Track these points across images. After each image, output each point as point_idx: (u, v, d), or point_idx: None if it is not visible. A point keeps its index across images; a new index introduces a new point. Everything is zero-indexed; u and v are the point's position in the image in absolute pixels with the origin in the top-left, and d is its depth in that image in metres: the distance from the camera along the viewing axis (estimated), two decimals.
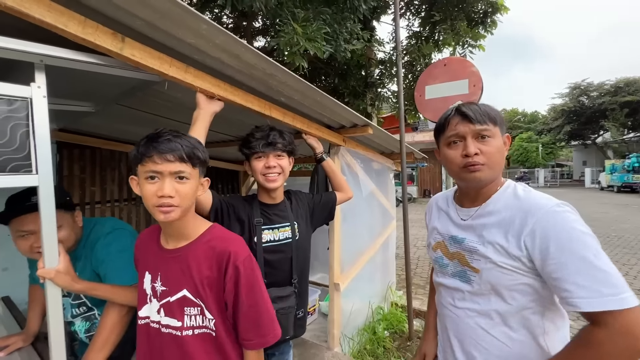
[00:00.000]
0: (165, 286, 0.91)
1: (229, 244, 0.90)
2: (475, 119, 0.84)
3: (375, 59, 4.46)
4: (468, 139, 0.85)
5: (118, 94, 1.41)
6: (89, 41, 0.85)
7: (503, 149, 0.86)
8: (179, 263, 0.90)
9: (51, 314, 0.93)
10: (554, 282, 0.70)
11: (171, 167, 0.82)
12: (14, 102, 0.86)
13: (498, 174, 0.87)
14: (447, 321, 0.95)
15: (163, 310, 0.91)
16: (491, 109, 0.87)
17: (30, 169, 0.88)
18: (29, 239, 1.07)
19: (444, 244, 0.96)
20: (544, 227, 0.73)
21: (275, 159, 1.29)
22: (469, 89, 2.65)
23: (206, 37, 1.01)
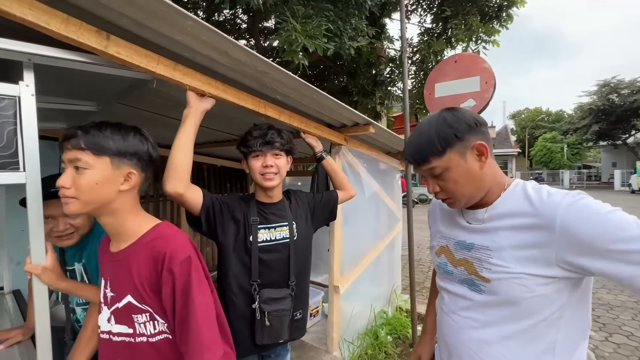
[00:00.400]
0: (113, 292, 0.86)
1: (168, 244, 0.81)
2: (416, 163, 0.80)
3: (385, 57, 4.37)
4: (428, 179, 0.81)
5: (116, 93, 1.43)
6: (72, 39, 0.85)
7: (470, 171, 0.75)
8: (122, 266, 0.84)
9: (37, 309, 0.94)
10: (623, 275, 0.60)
11: (68, 155, 0.79)
12: (2, 100, 0.87)
13: (478, 192, 0.78)
14: (447, 329, 0.87)
15: (114, 317, 0.86)
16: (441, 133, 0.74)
17: (17, 167, 0.89)
18: (49, 223, 1.12)
19: (448, 249, 0.88)
20: (572, 225, 0.64)
21: (273, 158, 1.28)
22: (480, 86, 2.54)
23: (192, 34, 1.00)
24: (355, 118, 1.81)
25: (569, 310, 0.71)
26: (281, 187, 1.39)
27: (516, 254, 0.71)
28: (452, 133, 0.74)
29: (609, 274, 0.62)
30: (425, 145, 0.76)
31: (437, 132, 0.75)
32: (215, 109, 1.75)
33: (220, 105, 1.42)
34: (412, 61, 4.49)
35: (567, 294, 0.70)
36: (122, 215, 0.85)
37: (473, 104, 2.57)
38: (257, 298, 1.25)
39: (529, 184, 0.78)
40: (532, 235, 0.69)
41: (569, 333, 0.72)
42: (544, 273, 0.68)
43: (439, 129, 0.75)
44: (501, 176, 0.81)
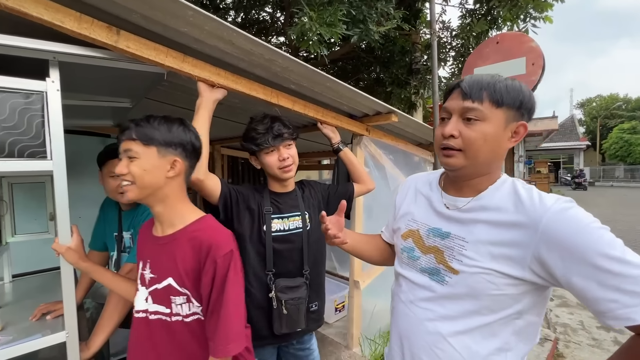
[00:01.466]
0: (154, 273, 0.94)
1: (213, 236, 0.89)
2: (468, 94, 0.69)
3: (421, 44, 4.11)
4: (453, 118, 0.72)
5: (143, 88, 1.53)
6: (85, 35, 0.92)
7: (497, 138, 0.69)
8: (167, 251, 0.92)
9: (64, 284, 1.05)
10: (590, 293, 0.59)
11: (123, 146, 0.88)
12: (31, 95, 0.97)
13: (483, 166, 0.73)
14: (402, 319, 0.83)
15: (151, 297, 0.93)
16: (509, 87, 0.69)
17: (45, 155, 0.99)
18: (116, 179, 1.31)
19: (418, 234, 0.83)
20: (555, 231, 0.62)
21: (286, 150, 1.28)
22: (526, 68, 2.28)
23: (195, 24, 1.02)
24: (376, 106, 1.73)
25: (527, 315, 0.70)
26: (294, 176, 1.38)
27: (491, 250, 0.68)
28: (522, 99, 0.69)
29: (576, 288, 0.60)
30: (493, 85, 0.69)
31: (511, 86, 0.69)
32: (238, 102, 1.81)
33: (241, 98, 1.46)
34: (452, 46, 4.17)
35: (530, 298, 0.69)
36: (171, 202, 0.93)
37: None
38: (273, 287, 1.25)
39: (518, 182, 0.74)
40: (512, 233, 0.67)
41: (523, 336, 0.71)
42: (515, 274, 0.66)
43: (514, 86, 0.70)
44: (500, 169, 0.77)
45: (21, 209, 1.77)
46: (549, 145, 25.27)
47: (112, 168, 1.31)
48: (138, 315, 0.96)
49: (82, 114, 2.03)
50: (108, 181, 1.35)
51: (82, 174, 2.43)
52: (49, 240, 1.75)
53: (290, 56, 1.22)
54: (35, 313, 1.23)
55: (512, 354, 0.71)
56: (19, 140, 0.94)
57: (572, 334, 3.03)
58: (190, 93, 1.65)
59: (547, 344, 2.40)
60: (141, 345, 0.95)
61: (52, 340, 1.04)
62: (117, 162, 1.28)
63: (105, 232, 1.54)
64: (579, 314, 3.41)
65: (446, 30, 4.17)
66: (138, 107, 1.83)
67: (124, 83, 1.49)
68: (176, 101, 1.88)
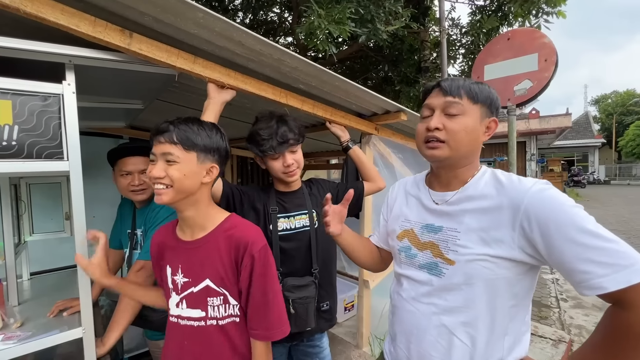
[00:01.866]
0: (188, 277, 0.93)
1: (247, 233, 0.92)
2: (448, 91, 0.78)
3: (430, 42, 4.06)
4: (436, 112, 0.79)
5: (154, 90, 1.55)
6: (99, 39, 0.94)
7: (476, 131, 0.78)
8: (200, 253, 0.92)
9: (81, 282, 1.07)
10: (566, 265, 0.64)
11: (160, 149, 0.86)
12: (48, 97, 1.00)
13: (464, 157, 0.80)
14: (406, 315, 0.85)
15: (185, 302, 0.93)
16: (480, 87, 0.79)
17: (62, 156, 1.02)
18: (127, 178, 1.34)
19: (413, 233, 0.88)
20: (535, 209, 0.67)
21: (291, 155, 1.27)
22: (538, 64, 2.23)
23: (205, 25, 1.03)
24: (385, 105, 1.72)
25: (523, 300, 0.75)
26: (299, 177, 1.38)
27: (482, 236, 0.72)
28: (492, 98, 0.79)
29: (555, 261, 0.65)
30: (468, 85, 0.78)
31: (484, 88, 0.79)
32: (248, 103, 1.82)
33: (251, 98, 1.47)
34: (461, 44, 4.11)
35: (524, 282, 0.73)
36: (201, 206, 0.93)
37: (529, 86, 2.27)
38: (280, 287, 1.26)
39: (498, 170, 0.80)
40: (498, 216, 0.71)
41: (519, 321, 0.76)
42: (506, 255, 0.70)
43: (484, 87, 0.79)
44: (478, 161, 0.84)
45: (38, 208, 1.83)
46: (562, 143, 24.71)
47: (123, 167, 1.34)
48: (172, 319, 0.97)
49: (96, 115, 2.08)
50: (120, 180, 1.37)
51: (97, 174, 2.49)
52: (65, 239, 1.80)
53: (299, 56, 1.22)
54: (53, 310, 1.26)
55: (510, 337, 0.75)
56: (37, 141, 0.97)
57: (587, 336, 2.96)
58: (200, 94, 1.67)
59: (561, 346, 2.35)
60: (174, 349, 0.96)
61: (69, 336, 1.07)
62: (129, 161, 1.33)
63: (121, 230, 1.57)
64: (594, 315, 3.33)
65: (455, 27, 4.11)
66: (149, 109, 1.87)
67: (137, 85, 1.51)
68: (187, 102, 1.90)
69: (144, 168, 1.36)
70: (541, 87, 2.24)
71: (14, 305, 1.37)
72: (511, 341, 0.76)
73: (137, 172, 1.35)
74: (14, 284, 1.41)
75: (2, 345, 1.00)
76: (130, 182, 1.34)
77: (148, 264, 1.27)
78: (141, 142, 1.44)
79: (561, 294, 3.99)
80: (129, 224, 1.51)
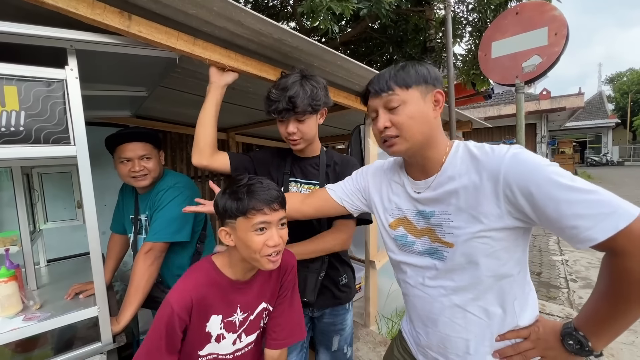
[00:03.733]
0: (246, 311, 0.97)
1: (289, 255, 1.06)
2: (378, 89, 0.78)
3: (435, 21, 3.93)
4: (380, 112, 0.80)
5: (157, 75, 1.55)
6: (98, 21, 0.94)
7: (422, 113, 0.77)
8: (255, 285, 0.98)
9: (94, 265, 1.11)
10: (555, 224, 0.64)
11: (278, 215, 0.87)
12: (52, 83, 1.01)
13: (425, 141, 0.78)
14: (417, 301, 0.86)
15: (244, 333, 0.98)
16: (406, 70, 0.78)
17: (69, 141, 1.04)
18: (127, 164, 1.34)
19: (407, 221, 0.87)
20: (514, 175, 0.67)
21: (296, 124, 1.16)
22: (548, 39, 2.15)
23: (203, 5, 1.02)
24: None
25: (522, 263, 0.76)
26: (314, 144, 1.30)
27: (473, 213, 0.72)
28: (423, 75, 0.78)
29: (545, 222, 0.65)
30: (394, 75, 0.78)
31: (409, 69, 0.78)
32: (250, 86, 1.81)
33: (253, 82, 1.46)
34: (468, 21, 3.98)
35: (521, 245, 0.74)
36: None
37: (539, 62, 2.20)
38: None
39: (469, 143, 0.79)
40: (481, 191, 0.71)
41: (522, 282, 0.77)
42: (499, 225, 0.70)
43: (415, 68, 0.78)
44: (445, 136, 0.82)
45: (51, 198, 1.88)
46: (574, 125, 24.06)
47: (121, 153, 1.34)
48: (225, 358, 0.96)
49: (102, 105, 2.10)
50: (119, 167, 1.37)
51: (107, 164, 2.52)
52: (78, 227, 1.85)
53: (299, 34, 1.20)
54: (70, 292, 1.31)
55: (519, 301, 0.77)
56: (43, 127, 0.99)
57: None
58: (202, 79, 1.66)
59: None
60: None
61: (85, 314, 1.12)
62: (127, 147, 1.34)
63: (124, 215, 1.60)
64: None
65: (462, 4, 3.97)
66: (153, 96, 1.87)
67: (139, 71, 1.52)
68: (190, 88, 1.90)
69: (143, 154, 1.36)
70: (551, 63, 2.16)
71: (33, 289, 1.43)
72: (520, 304, 0.76)
73: (136, 157, 1.34)
74: (32, 269, 1.46)
75: (24, 323, 1.05)
76: (131, 168, 1.34)
77: (156, 245, 1.30)
78: (138, 129, 1.43)
79: (570, 275, 3.97)
80: (131, 209, 1.53)
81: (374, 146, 1.87)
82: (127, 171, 1.35)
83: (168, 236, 1.32)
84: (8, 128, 0.93)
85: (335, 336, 1.37)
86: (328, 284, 1.29)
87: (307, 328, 1.39)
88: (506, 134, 15.65)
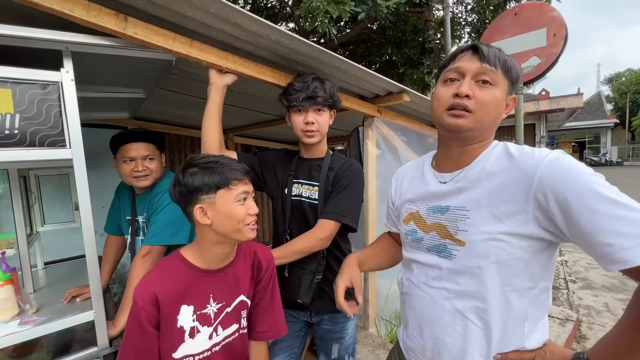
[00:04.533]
0: (221, 301, 0.94)
1: (265, 250, 1.06)
2: (485, 57, 0.71)
3: (434, 22, 3.94)
4: (467, 78, 0.72)
5: (154, 77, 1.54)
6: (93, 23, 0.93)
7: (502, 104, 0.73)
8: (231, 276, 0.96)
9: (90, 269, 1.10)
10: (588, 238, 0.58)
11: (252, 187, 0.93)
12: (47, 86, 1.00)
13: (485, 132, 0.75)
14: (417, 301, 0.81)
15: (220, 326, 0.94)
16: (513, 62, 0.74)
17: (64, 144, 1.03)
18: (130, 164, 1.35)
19: (418, 215, 0.83)
20: (550, 179, 0.61)
21: (315, 114, 1.22)
22: (547, 40, 2.15)
23: (200, 7, 1.01)
24: (387, 86, 1.69)
25: (541, 282, 0.69)
26: (324, 144, 1.33)
27: (494, 212, 0.67)
28: (518, 76, 0.76)
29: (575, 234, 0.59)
30: (504, 56, 0.73)
31: (515, 63, 0.75)
32: (248, 88, 1.81)
33: (251, 84, 1.45)
34: (467, 22, 3.99)
35: (541, 261, 0.68)
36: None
37: (537, 63, 2.20)
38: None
39: (510, 143, 0.74)
40: (510, 190, 0.66)
41: (538, 304, 0.71)
42: (521, 231, 0.65)
43: (514, 62, 0.75)
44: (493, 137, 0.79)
45: (49, 200, 1.87)
46: (573, 125, 24.10)
47: (125, 153, 1.35)
48: (200, 356, 0.91)
49: (100, 106, 2.08)
50: (122, 166, 1.36)
51: (104, 165, 2.51)
52: (76, 229, 1.83)
53: (297, 36, 1.19)
54: (66, 296, 1.30)
55: (530, 322, 0.70)
56: (39, 130, 0.98)
57: (596, 316, 2.95)
58: (200, 80, 1.66)
59: (568, 324, 2.35)
60: None
61: (81, 319, 1.11)
62: (130, 147, 1.34)
63: (120, 216, 1.58)
64: (603, 295, 3.31)
65: (460, 4, 3.97)
66: (151, 98, 1.87)
67: (136, 73, 1.51)
68: (188, 90, 1.90)
69: (146, 154, 1.37)
70: (550, 64, 2.16)
71: (29, 293, 1.42)
72: (531, 325, 0.71)
73: (140, 157, 1.35)
74: (28, 272, 1.45)
75: (19, 328, 1.04)
76: (134, 168, 1.35)
77: (154, 248, 1.29)
78: (142, 129, 1.45)
79: (570, 276, 3.97)
80: (127, 210, 1.52)
81: (372, 148, 1.87)
82: (129, 171, 1.35)
83: (166, 239, 1.31)
84: (2, 131, 0.92)
85: (335, 344, 1.35)
86: (327, 288, 1.26)
87: (304, 333, 1.39)
88: (505, 135, 15.67)
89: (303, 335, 1.38)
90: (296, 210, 1.29)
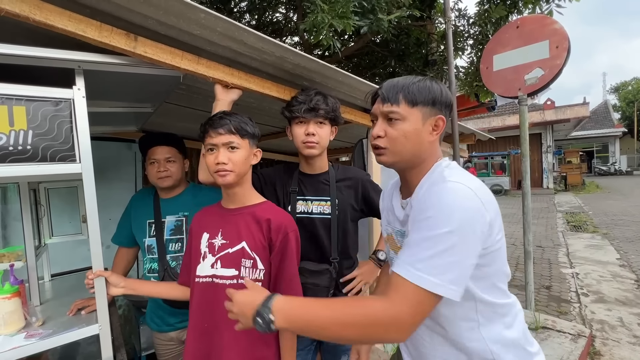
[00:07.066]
0: (226, 239, 1.07)
1: (284, 217, 1.10)
2: (385, 98, 0.78)
3: (437, 34, 3.99)
4: (379, 120, 0.80)
5: (162, 92, 1.58)
6: (105, 43, 0.97)
7: (417, 134, 0.77)
8: (241, 219, 1.08)
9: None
10: None
11: (223, 139, 1.02)
12: (60, 102, 1.03)
13: (413, 160, 0.79)
14: None
15: (220, 262, 1.06)
16: (421, 87, 0.77)
17: (74, 159, 1.05)
18: (154, 166, 1.47)
19: (392, 238, 0.89)
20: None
21: (316, 127, 1.24)
22: (550, 52, 2.16)
23: (207, 26, 1.05)
24: None
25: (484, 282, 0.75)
26: (325, 158, 1.34)
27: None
28: (434, 97, 0.77)
29: None
30: (406, 87, 0.77)
31: (425, 87, 0.77)
32: (253, 102, 1.84)
33: (256, 97, 1.48)
34: (469, 35, 4.03)
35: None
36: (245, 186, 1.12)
37: (541, 74, 2.20)
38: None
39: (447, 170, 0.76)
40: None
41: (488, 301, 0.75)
42: None
43: (425, 86, 0.77)
44: (435, 159, 0.81)
45: (57, 212, 1.89)
46: (580, 134, 23.91)
47: (151, 155, 1.47)
48: (204, 280, 1.07)
49: (109, 120, 2.13)
50: (149, 168, 1.48)
51: (111, 177, 2.55)
52: (83, 242, 1.85)
53: (301, 52, 1.22)
54: (72, 308, 1.31)
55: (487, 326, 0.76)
56: (50, 145, 1.01)
57: (610, 331, 2.86)
58: (207, 95, 1.69)
59: (580, 340, 2.28)
60: (206, 307, 1.06)
61: (86, 332, 1.11)
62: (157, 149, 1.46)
63: (137, 221, 1.59)
64: (617, 310, 3.22)
65: (463, 18, 4.03)
66: (158, 112, 1.91)
67: (145, 88, 1.55)
68: (195, 104, 1.94)
69: (168, 156, 1.49)
70: (553, 75, 2.17)
71: (36, 305, 1.43)
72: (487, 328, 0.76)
73: (162, 159, 1.47)
74: (35, 284, 1.47)
75: (25, 341, 1.04)
76: (157, 169, 1.46)
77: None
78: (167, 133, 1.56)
79: (582, 289, 3.86)
80: (149, 213, 1.55)
81: None
82: (154, 172, 1.47)
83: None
84: (16, 147, 0.95)
85: (344, 356, 1.33)
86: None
87: (315, 347, 1.37)
88: (511, 145, 15.57)
89: (313, 350, 1.37)
90: (302, 227, 1.26)
